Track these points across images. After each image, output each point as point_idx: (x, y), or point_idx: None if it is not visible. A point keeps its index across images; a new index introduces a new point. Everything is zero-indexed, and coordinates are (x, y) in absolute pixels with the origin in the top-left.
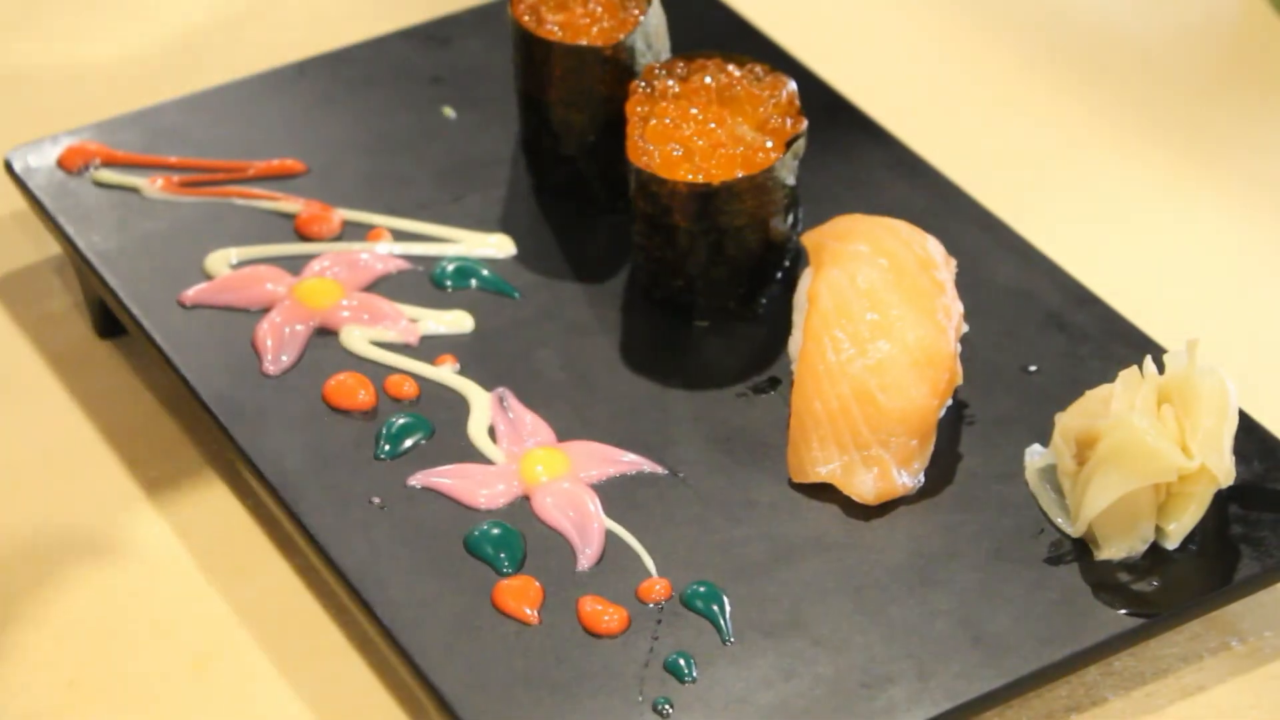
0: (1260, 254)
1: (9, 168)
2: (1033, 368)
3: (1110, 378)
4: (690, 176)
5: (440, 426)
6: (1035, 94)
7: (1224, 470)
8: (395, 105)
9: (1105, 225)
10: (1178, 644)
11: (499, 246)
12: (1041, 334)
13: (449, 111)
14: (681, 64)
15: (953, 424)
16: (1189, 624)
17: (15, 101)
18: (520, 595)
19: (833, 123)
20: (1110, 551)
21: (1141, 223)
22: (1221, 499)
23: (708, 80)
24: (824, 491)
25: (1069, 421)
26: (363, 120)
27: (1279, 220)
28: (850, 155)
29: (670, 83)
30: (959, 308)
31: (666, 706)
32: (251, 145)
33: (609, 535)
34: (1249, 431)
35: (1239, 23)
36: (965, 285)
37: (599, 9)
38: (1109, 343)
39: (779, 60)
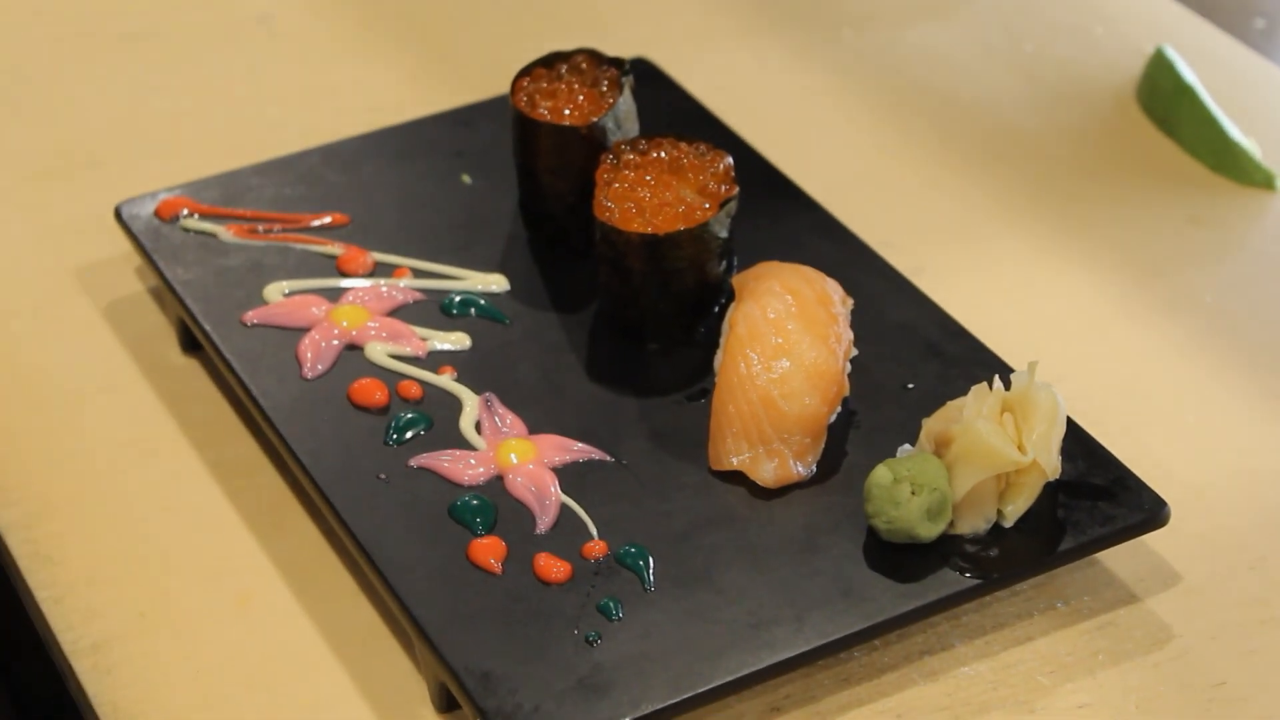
0: (1111, 303)
1: (119, 216)
2: (911, 385)
3: None
4: (641, 229)
5: (438, 421)
6: (941, 174)
7: (1051, 466)
8: (424, 173)
9: (987, 278)
10: (1015, 604)
11: (496, 283)
12: (921, 359)
13: (466, 178)
14: (643, 141)
15: (844, 427)
16: (1025, 589)
17: (125, 165)
18: (489, 551)
19: (770, 192)
20: (961, 528)
21: (1017, 277)
22: (1050, 489)
23: (662, 154)
24: (735, 477)
25: (931, 425)
26: (397, 184)
27: (1128, 277)
28: (781, 218)
29: (632, 156)
30: (849, 335)
31: (597, 639)
32: (307, 202)
33: (563, 507)
34: (1076, 436)
35: (1111, 121)
36: (864, 321)
37: (581, 97)
38: (974, 367)
39: (729, 140)
